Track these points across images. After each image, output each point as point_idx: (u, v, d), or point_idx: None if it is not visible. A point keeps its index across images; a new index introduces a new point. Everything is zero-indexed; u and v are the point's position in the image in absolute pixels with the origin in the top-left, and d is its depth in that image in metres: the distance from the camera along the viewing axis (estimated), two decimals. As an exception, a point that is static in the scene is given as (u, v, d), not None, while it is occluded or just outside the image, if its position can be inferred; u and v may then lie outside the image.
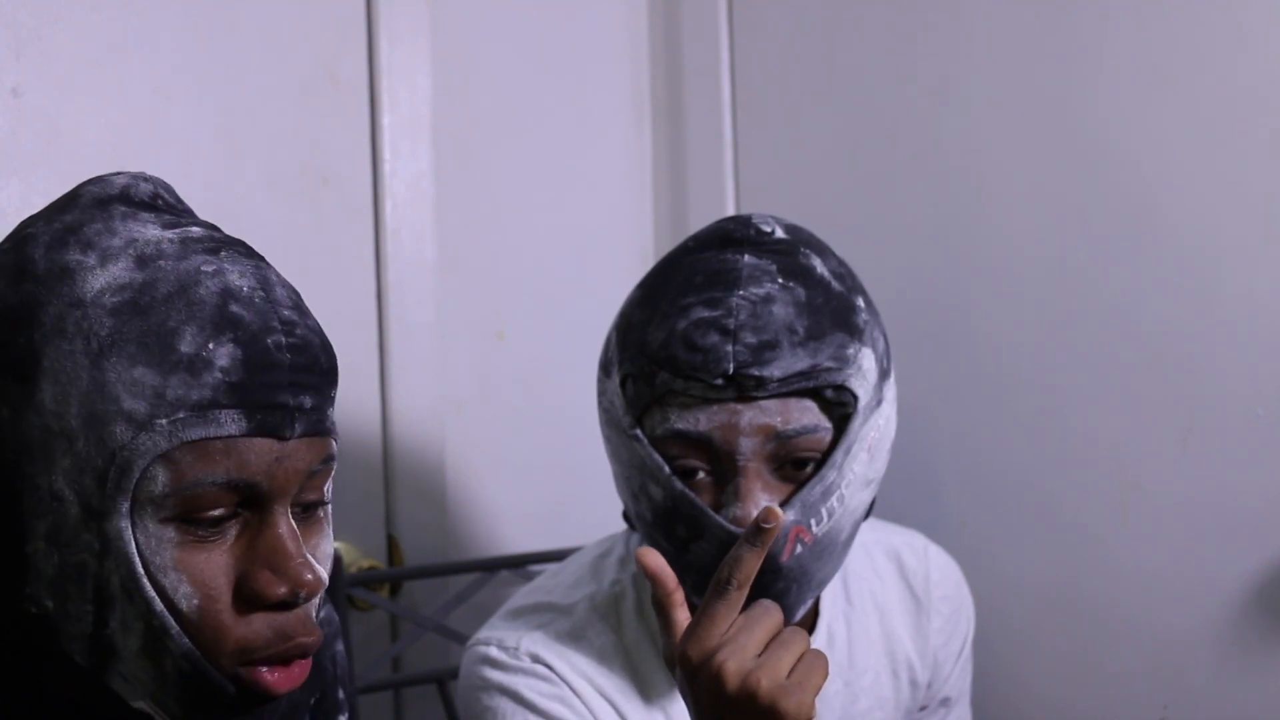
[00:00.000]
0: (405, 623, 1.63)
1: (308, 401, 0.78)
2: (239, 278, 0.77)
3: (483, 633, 1.16)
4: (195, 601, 0.74)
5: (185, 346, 0.73)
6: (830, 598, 1.19)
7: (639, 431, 1.04)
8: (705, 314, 1.01)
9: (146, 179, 0.83)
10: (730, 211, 1.85)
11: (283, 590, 0.76)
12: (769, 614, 0.92)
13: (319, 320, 0.83)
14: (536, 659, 1.11)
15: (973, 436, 1.57)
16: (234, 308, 0.75)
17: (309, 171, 1.61)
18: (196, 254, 0.77)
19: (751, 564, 0.91)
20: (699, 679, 0.90)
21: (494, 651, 1.12)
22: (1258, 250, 1.33)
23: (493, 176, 1.79)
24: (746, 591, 0.92)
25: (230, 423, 0.74)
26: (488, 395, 1.77)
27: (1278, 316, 1.31)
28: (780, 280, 1.03)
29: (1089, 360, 1.45)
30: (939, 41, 1.60)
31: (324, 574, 0.79)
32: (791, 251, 1.06)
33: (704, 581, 1.02)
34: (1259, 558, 1.33)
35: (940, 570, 1.27)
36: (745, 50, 1.85)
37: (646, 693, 1.12)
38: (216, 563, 0.75)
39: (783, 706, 0.87)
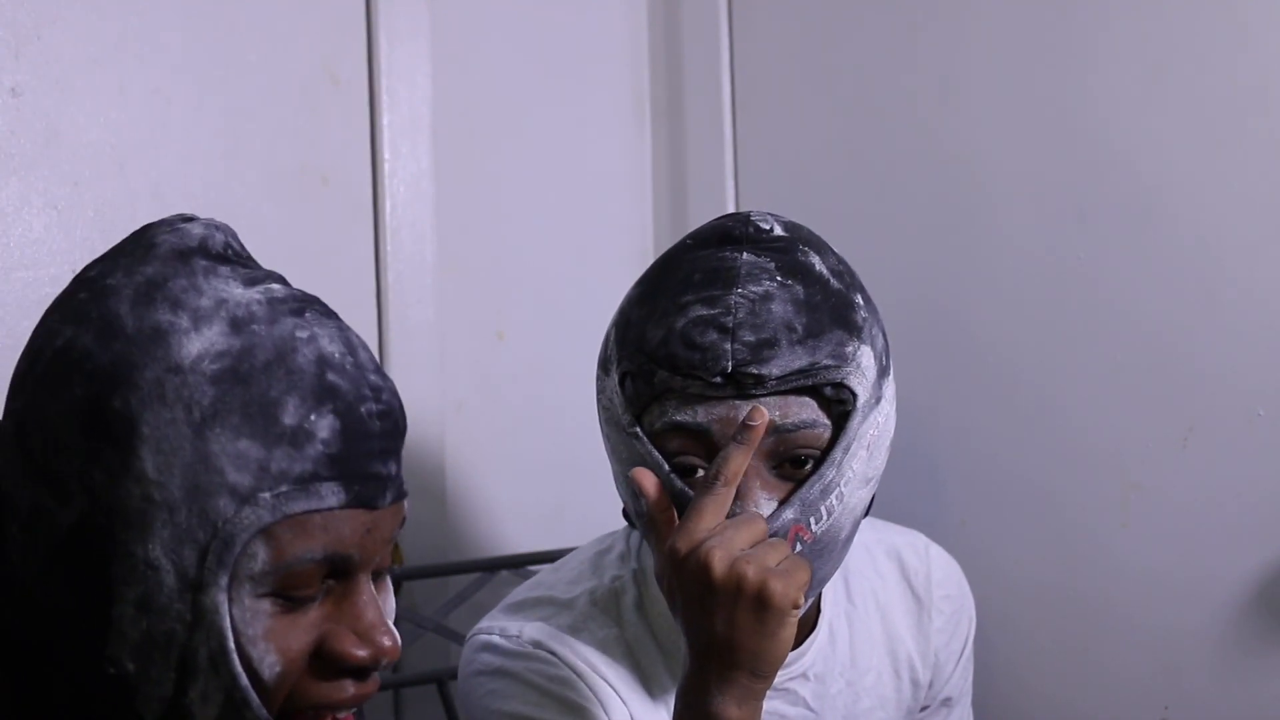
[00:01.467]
0: (405, 623, 1.63)
1: (394, 468, 0.78)
2: (329, 343, 0.77)
3: (484, 623, 1.15)
4: (277, 669, 0.75)
5: (288, 419, 0.73)
6: (832, 597, 1.19)
7: (638, 429, 1.04)
8: (704, 312, 1.01)
9: (218, 227, 0.82)
10: (730, 211, 1.85)
11: (364, 655, 0.76)
12: (755, 520, 0.95)
13: None
14: (539, 645, 1.10)
15: (973, 436, 1.57)
16: (331, 377, 0.75)
17: (309, 171, 1.61)
18: (285, 316, 0.77)
19: (739, 461, 0.95)
20: (685, 568, 0.92)
21: (496, 639, 1.12)
22: (1258, 250, 1.33)
23: (493, 176, 1.79)
24: (734, 489, 0.95)
25: (330, 495, 0.74)
26: (488, 395, 1.77)
27: (1278, 316, 1.31)
28: (779, 278, 1.03)
29: (1089, 360, 1.45)
30: (939, 41, 1.60)
31: (399, 641, 0.79)
32: (790, 249, 1.05)
33: None
34: (1259, 558, 1.33)
35: (942, 570, 1.27)
36: (745, 50, 1.85)
37: (649, 687, 1.12)
38: (302, 629, 0.76)
39: (771, 587, 0.90)
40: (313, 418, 0.73)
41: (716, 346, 1.00)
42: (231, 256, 0.80)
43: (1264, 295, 1.32)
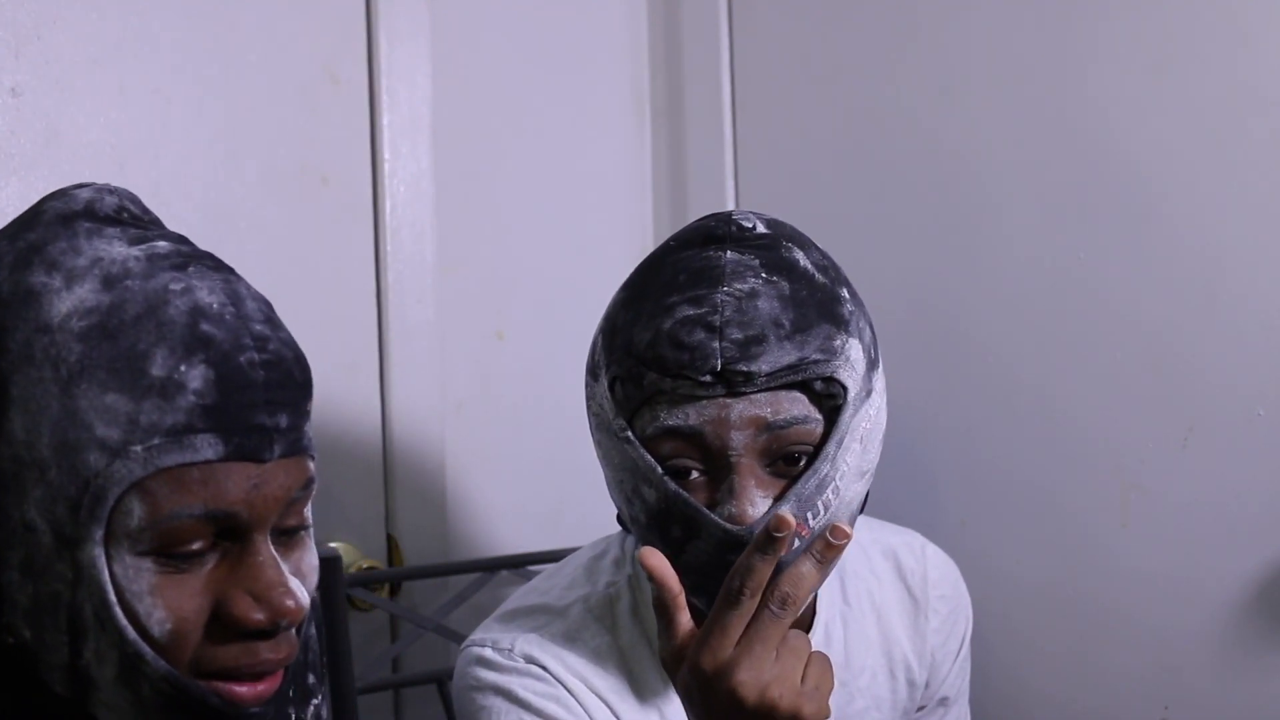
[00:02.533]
0: (405, 623, 1.63)
1: (284, 420, 0.76)
2: (208, 294, 0.75)
3: (477, 634, 1.16)
4: (168, 626, 0.73)
5: (157, 370, 0.72)
6: (827, 598, 1.19)
7: (630, 434, 1.04)
8: (690, 312, 1.01)
9: (111, 190, 0.81)
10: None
11: (261, 617, 0.74)
12: (776, 623, 0.91)
13: (322, 317, 0.82)
14: (531, 659, 1.11)
15: (973, 436, 1.57)
16: (205, 326, 0.73)
17: (309, 171, 1.61)
18: (164, 271, 0.75)
19: (764, 572, 0.90)
20: (714, 691, 0.90)
21: (488, 652, 1.12)
22: (1258, 250, 1.33)
23: (493, 176, 1.79)
24: (758, 600, 0.91)
25: (206, 447, 0.72)
26: (488, 395, 1.77)
27: (1278, 316, 1.31)
28: (764, 275, 1.02)
29: (1089, 360, 1.45)
30: (939, 41, 1.60)
31: (305, 599, 0.77)
32: (774, 246, 1.05)
33: (701, 581, 1.02)
34: (1259, 558, 1.33)
35: (938, 570, 1.27)
36: (745, 50, 1.85)
37: (641, 693, 1.12)
38: (193, 589, 0.74)
39: (805, 715, 0.88)
40: (183, 368, 0.72)
41: (704, 345, 1.00)
42: (125, 219, 0.79)
43: (1264, 295, 1.32)
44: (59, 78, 1.40)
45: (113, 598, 0.72)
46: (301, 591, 0.76)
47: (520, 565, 1.64)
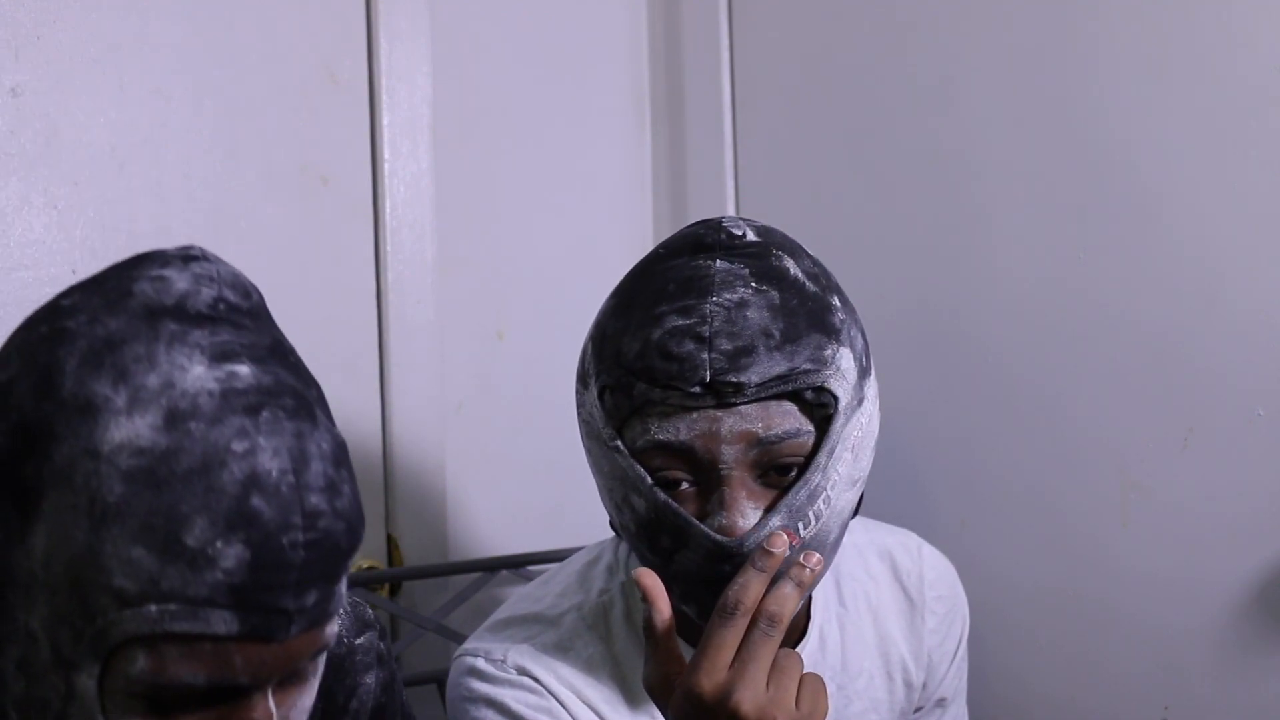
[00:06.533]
0: (405, 623, 1.63)
1: (312, 598, 0.72)
2: (270, 457, 0.71)
3: (470, 643, 1.16)
4: None
5: (192, 540, 0.68)
6: (822, 600, 1.19)
7: (619, 443, 1.04)
8: (680, 322, 1.00)
9: (211, 279, 0.75)
10: (730, 212, 1.85)
11: None
12: (768, 641, 0.92)
13: (322, 317, 0.81)
14: (523, 671, 1.11)
15: (973, 437, 1.56)
16: (255, 501, 0.69)
17: (309, 171, 1.61)
18: (234, 416, 0.71)
19: (758, 589, 0.91)
20: (713, 714, 0.90)
21: (481, 663, 1.12)
22: (1258, 251, 1.33)
23: (493, 176, 1.79)
24: (750, 616, 0.91)
25: (221, 624, 0.69)
26: (488, 395, 1.77)
27: (1278, 316, 1.31)
28: (754, 284, 1.02)
29: (1089, 360, 1.45)
30: (938, 41, 1.60)
31: None
32: (764, 254, 1.05)
33: (690, 590, 1.02)
34: (1259, 558, 1.33)
35: (934, 570, 1.27)
36: (745, 50, 1.85)
37: (634, 701, 1.13)
38: None
39: None
40: (219, 544, 0.68)
41: (694, 356, 0.99)
42: (218, 314, 0.75)
43: (1264, 295, 1.32)
44: (59, 78, 1.40)
45: None
46: None
47: (520, 565, 1.64)
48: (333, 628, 0.76)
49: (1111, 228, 1.43)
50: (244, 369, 0.73)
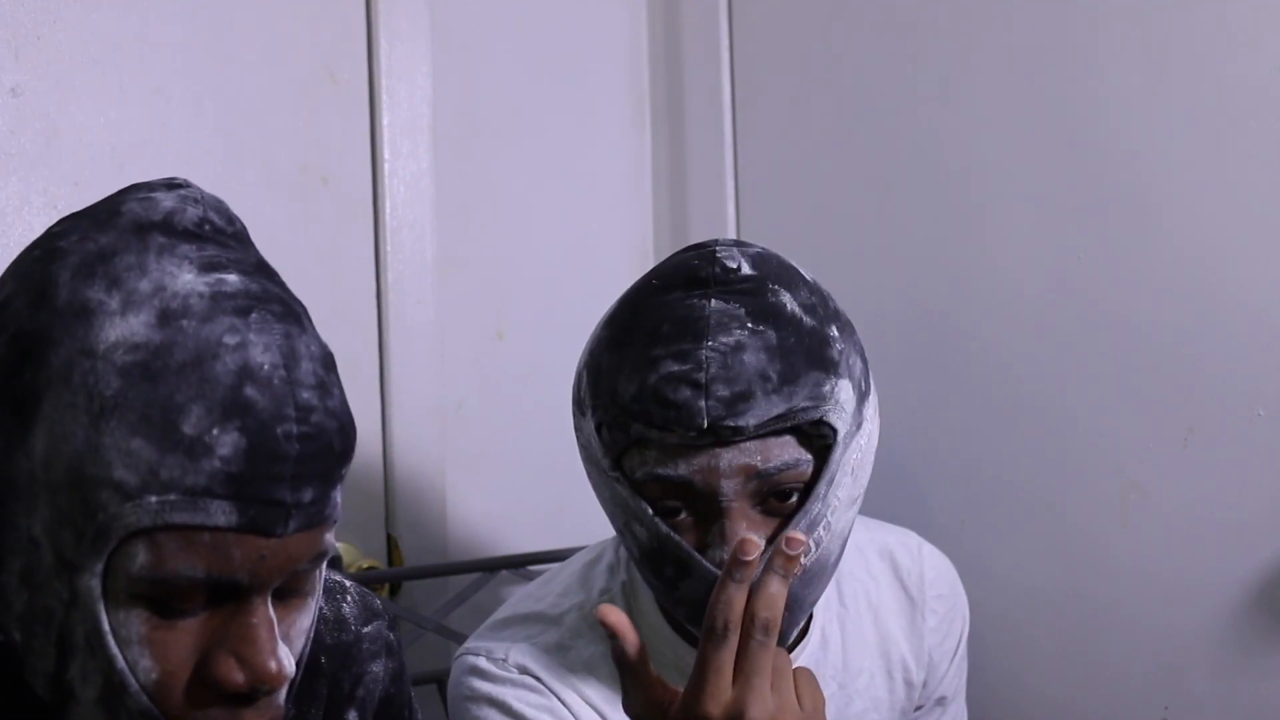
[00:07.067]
0: (405, 623, 1.63)
1: (309, 495, 0.73)
2: (261, 352, 0.72)
3: (471, 642, 1.16)
4: (154, 676, 0.72)
5: (189, 427, 0.70)
6: (823, 600, 1.19)
7: (619, 474, 1.04)
8: (675, 368, 0.99)
9: (196, 200, 0.78)
10: (730, 213, 1.84)
11: (241, 680, 0.73)
12: (764, 650, 0.91)
13: (322, 317, 0.81)
14: (524, 670, 1.11)
15: (973, 437, 1.56)
16: (248, 390, 0.71)
17: (309, 171, 1.61)
18: (224, 315, 0.72)
19: (740, 602, 0.90)
20: None
21: (482, 662, 1.13)
22: (1258, 251, 1.33)
23: (493, 176, 1.79)
24: (739, 630, 0.90)
25: (220, 514, 0.70)
26: (488, 395, 1.77)
27: (1278, 316, 1.31)
28: (749, 324, 1.00)
29: (1089, 361, 1.45)
30: (939, 42, 1.60)
31: (290, 666, 0.75)
32: (759, 290, 1.02)
33: (695, 614, 1.02)
34: (1259, 558, 1.33)
35: (934, 569, 1.27)
36: (745, 50, 1.85)
37: None
38: (183, 641, 0.73)
39: None
40: (215, 431, 0.70)
41: (691, 404, 0.98)
42: (206, 232, 0.77)
43: (1264, 295, 1.32)
44: (59, 78, 1.40)
45: (105, 627, 0.71)
46: (287, 658, 0.75)
47: (520, 565, 1.64)
48: (330, 536, 0.77)
49: (1111, 229, 1.43)
50: (232, 277, 0.75)
